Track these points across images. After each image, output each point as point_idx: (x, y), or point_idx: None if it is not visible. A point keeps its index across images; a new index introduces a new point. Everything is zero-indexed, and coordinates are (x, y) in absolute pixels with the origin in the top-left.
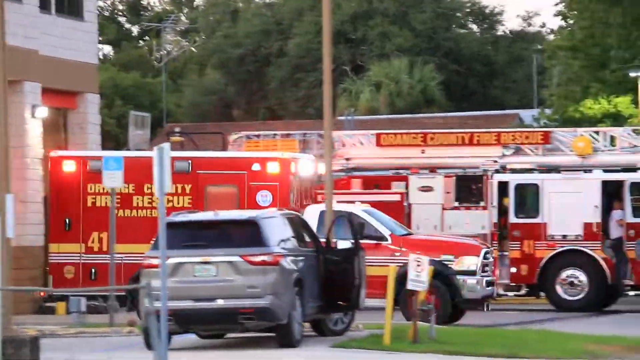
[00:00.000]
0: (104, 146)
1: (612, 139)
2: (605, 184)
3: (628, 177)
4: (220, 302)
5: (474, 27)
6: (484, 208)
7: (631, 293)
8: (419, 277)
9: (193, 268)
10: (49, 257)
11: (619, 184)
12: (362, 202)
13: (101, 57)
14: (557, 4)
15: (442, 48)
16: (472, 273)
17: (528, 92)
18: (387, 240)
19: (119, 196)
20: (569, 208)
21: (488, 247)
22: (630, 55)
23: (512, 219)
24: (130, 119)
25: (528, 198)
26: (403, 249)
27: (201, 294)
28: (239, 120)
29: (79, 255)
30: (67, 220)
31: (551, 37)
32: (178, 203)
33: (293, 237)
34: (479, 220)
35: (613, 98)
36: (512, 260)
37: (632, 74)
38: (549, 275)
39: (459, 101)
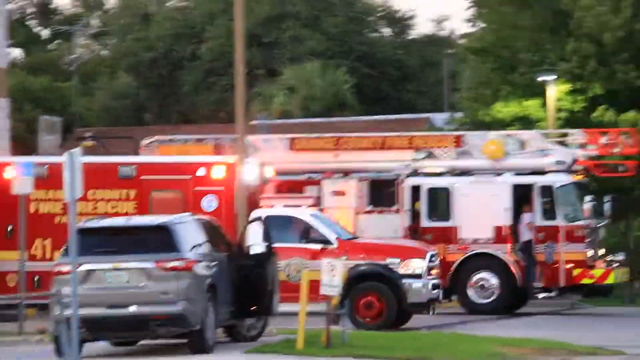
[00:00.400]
0: (14, 152)
1: (522, 142)
2: (516, 187)
3: (537, 181)
4: (132, 309)
5: (387, 31)
6: (397, 212)
7: (540, 295)
8: (332, 282)
9: (105, 275)
10: None
11: (529, 187)
12: (290, 205)
13: (10, 60)
14: (468, 8)
15: (355, 52)
16: (417, 276)
17: (440, 96)
18: (332, 244)
19: (63, 203)
20: (480, 211)
21: (434, 250)
22: (539, 58)
23: (424, 222)
24: (41, 123)
25: (440, 202)
26: (349, 253)
27: (113, 300)
28: (151, 124)
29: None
30: (7, 228)
31: (462, 41)
32: (123, 209)
33: (206, 242)
34: (391, 224)
35: (523, 101)
36: None
37: (541, 78)
38: (460, 278)
39: (372, 105)
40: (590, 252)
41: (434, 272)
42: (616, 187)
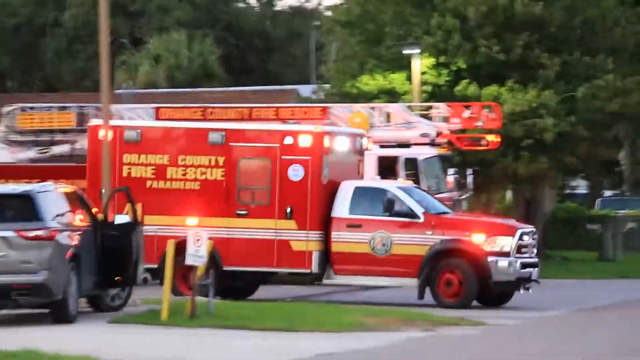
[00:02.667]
0: None
1: (388, 115)
2: (381, 159)
3: (402, 153)
4: None
5: (253, 1)
6: None
7: None
8: (198, 252)
9: None
10: None
11: (394, 159)
12: None
13: None
14: None
15: (222, 22)
16: (505, 254)
17: (306, 68)
18: (419, 218)
19: (154, 167)
20: None
21: (528, 228)
22: (404, 32)
23: None
24: None
25: None
26: (435, 228)
27: None
28: (13, 92)
29: None
30: (102, 190)
31: (329, 13)
32: (211, 176)
33: (70, 212)
34: None
35: (388, 74)
36: None
37: (406, 51)
38: None
39: (239, 76)
40: None
41: (527, 250)
42: (479, 160)
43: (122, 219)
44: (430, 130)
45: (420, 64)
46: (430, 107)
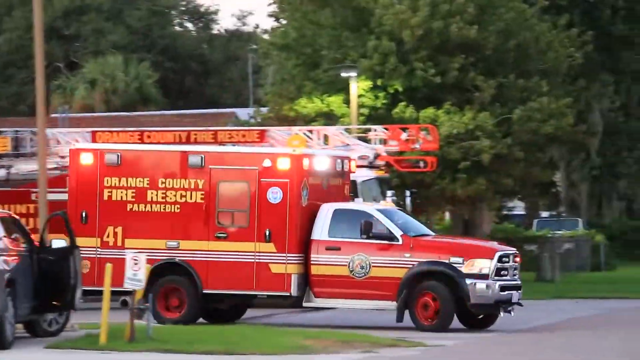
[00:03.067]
0: None
1: (326, 137)
2: None
3: None
4: None
5: (190, 25)
6: None
7: None
8: (136, 275)
9: None
10: None
11: None
12: None
13: None
14: (270, 4)
15: (158, 46)
16: (484, 276)
17: (244, 91)
18: (398, 240)
19: (134, 190)
20: None
21: (509, 250)
22: (341, 55)
23: None
24: None
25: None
26: (413, 250)
27: None
28: None
29: (94, 249)
30: (83, 214)
31: (265, 36)
32: (191, 198)
33: (5, 236)
34: None
35: (326, 97)
36: None
37: (344, 74)
38: None
39: (176, 99)
40: None
41: (507, 272)
42: (417, 182)
43: (59, 243)
44: (368, 152)
45: (357, 86)
46: (368, 130)
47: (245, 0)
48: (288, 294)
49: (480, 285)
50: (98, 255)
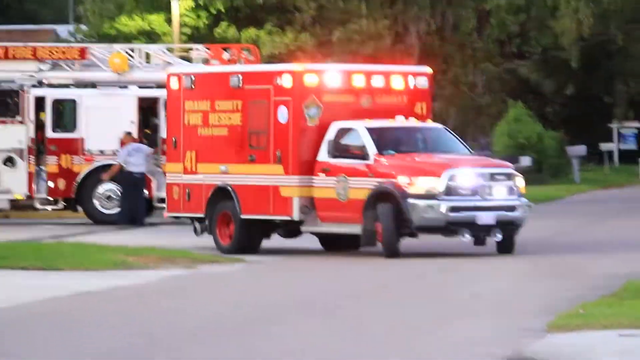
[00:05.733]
0: None
1: (147, 56)
2: (141, 100)
3: (163, 94)
4: None
5: None
6: (21, 123)
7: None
8: None
9: None
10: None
11: (154, 100)
12: None
13: None
14: None
15: None
16: (430, 197)
17: (64, 8)
18: (369, 159)
19: (201, 114)
20: (105, 123)
21: (467, 168)
22: None
23: (49, 133)
24: None
25: (65, 113)
26: (377, 170)
27: None
28: None
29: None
30: (173, 139)
31: None
32: (234, 121)
33: None
34: (15, 135)
35: (147, 16)
36: (50, 174)
37: None
38: (86, 189)
39: None
40: None
41: (477, 192)
42: None
43: None
44: None
45: (179, 6)
46: (190, 49)
47: None
48: (290, 219)
49: (421, 205)
50: (181, 181)
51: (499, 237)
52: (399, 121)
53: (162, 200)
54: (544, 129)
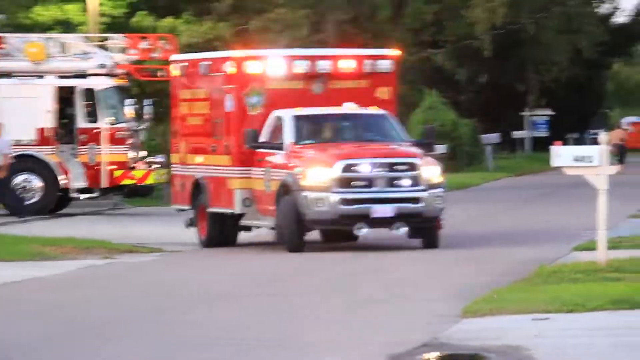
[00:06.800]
0: None
1: (64, 45)
2: (58, 89)
3: (80, 84)
4: None
5: None
6: None
7: (83, 196)
8: None
9: None
10: None
11: (71, 89)
12: None
13: None
14: None
15: None
16: (321, 189)
17: None
18: (282, 150)
19: (187, 103)
20: (22, 113)
21: (360, 160)
22: None
23: None
24: None
25: None
26: (288, 160)
27: None
28: None
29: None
30: (174, 130)
31: None
32: (205, 110)
33: None
34: None
35: (63, 5)
36: None
37: None
38: (3, 180)
39: None
40: (131, 154)
41: (359, 183)
42: (156, 91)
43: None
44: (107, 61)
45: None
46: (106, 38)
47: None
48: (232, 211)
49: (312, 197)
50: (177, 172)
51: (403, 230)
52: (344, 108)
53: (79, 191)
54: (458, 117)
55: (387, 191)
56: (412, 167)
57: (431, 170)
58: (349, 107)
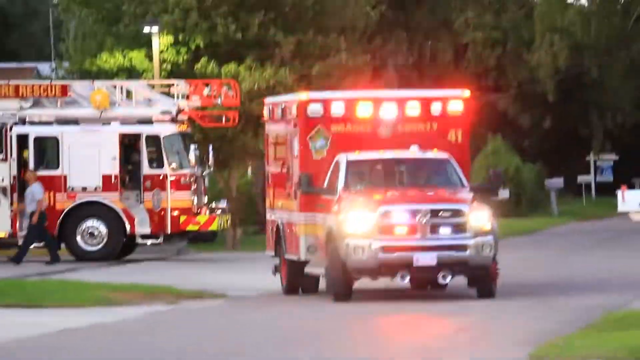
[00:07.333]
0: None
1: (129, 92)
2: (123, 136)
3: (144, 130)
4: None
5: None
6: (5, 160)
7: (148, 242)
8: None
9: None
10: None
11: (136, 136)
12: None
13: None
14: None
15: None
16: None
17: (45, 46)
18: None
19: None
20: (88, 160)
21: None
22: (142, 10)
23: None
24: None
25: (48, 150)
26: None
27: None
28: None
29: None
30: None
31: None
32: (282, 152)
33: None
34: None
35: (128, 52)
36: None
37: (145, 30)
38: (69, 226)
39: None
40: (195, 200)
41: (401, 230)
42: (219, 137)
43: None
44: (171, 107)
45: (159, 42)
46: (170, 85)
47: None
48: (297, 258)
49: (352, 245)
50: (268, 217)
51: (447, 279)
52: (401, 152)
53: (144, 237)
54: (522, 162)
55: (430, 238)
56: (457, 213)
57: (479, 217)
58: (411, 151)
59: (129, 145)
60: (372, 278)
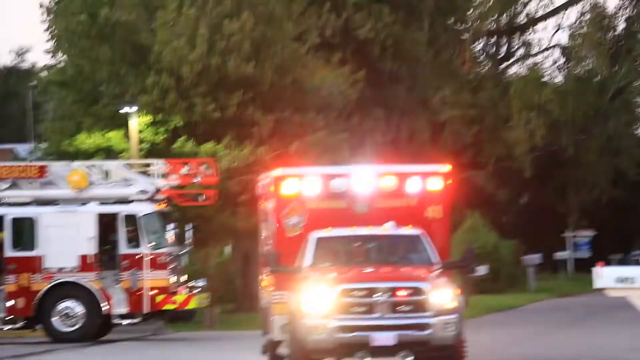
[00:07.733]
0: None
1: (106, 172)
2: (101, 216)
3: (122, 210)
4: None
5: None
6: None
7: (125, 322)
8: None
9: None
10: None
11: (114, 216)
12: None
13: None
14: (47, 41)
15: None
16: None
17: (23, 127)
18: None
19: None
20: (65, 240)
21: None
22: (121, 90)
23: (9, 252)
24: None
25: (25, 231)
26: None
27: None
28: None
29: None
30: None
31: (44, 73)
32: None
33: None
34: None
35: (106, 132)
36: (9, 293)
37: (123, 110)
38: (45, 307)
39: None
40: (173, 279)
41: (359, 309)
42: (197, 216)
43: None
44: (149, 186)
45: (137, 122)
46: (148, 165)
47: (23, 36)
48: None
49: (309, 325)
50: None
51: (409, 359)
52: (371, 229)
53: (121, 316)
54: (500, 238)
55: (389, 318)
56: (417, 291)
57: (441, 295)
58: (383, 228)
59: (106, 224)
60: (332, 358)
